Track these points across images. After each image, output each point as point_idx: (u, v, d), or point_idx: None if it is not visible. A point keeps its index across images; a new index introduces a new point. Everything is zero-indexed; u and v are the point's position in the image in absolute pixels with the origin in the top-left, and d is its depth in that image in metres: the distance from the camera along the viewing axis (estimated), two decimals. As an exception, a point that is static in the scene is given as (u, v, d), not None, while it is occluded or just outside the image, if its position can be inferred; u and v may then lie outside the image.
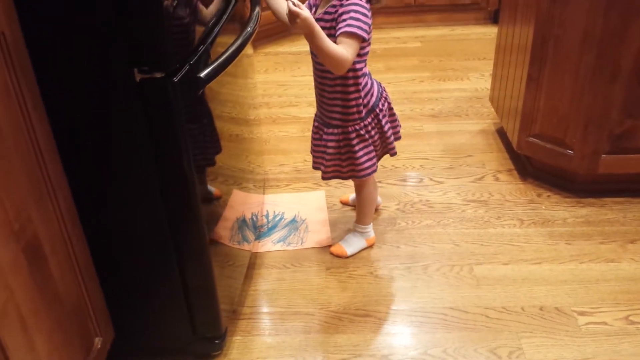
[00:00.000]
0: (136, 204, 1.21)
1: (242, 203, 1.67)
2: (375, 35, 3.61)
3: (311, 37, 1.34)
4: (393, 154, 1.69)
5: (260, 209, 1.96)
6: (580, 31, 1.73)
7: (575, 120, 1.85)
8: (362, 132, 1.57)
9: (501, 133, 2.38)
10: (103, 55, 1.03)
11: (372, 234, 1.82)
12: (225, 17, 1.40)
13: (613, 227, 1.86)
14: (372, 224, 1.82)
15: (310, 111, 2.62)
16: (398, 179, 2.16)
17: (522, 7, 1.97)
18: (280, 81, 2.99)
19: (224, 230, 1.45)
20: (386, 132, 1.62)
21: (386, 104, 1.63)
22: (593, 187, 1.99)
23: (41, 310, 1.00)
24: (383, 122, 1.60)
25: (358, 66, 1.50)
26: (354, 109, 1.55)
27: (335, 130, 1.59)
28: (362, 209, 1.78)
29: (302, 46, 3.42)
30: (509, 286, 1.65)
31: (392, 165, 2.23)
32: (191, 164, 1.17)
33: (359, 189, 1.76)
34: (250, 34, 1.36)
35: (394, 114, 1.68)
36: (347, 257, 1.78)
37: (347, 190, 2.08)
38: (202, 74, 1.14)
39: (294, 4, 1.30)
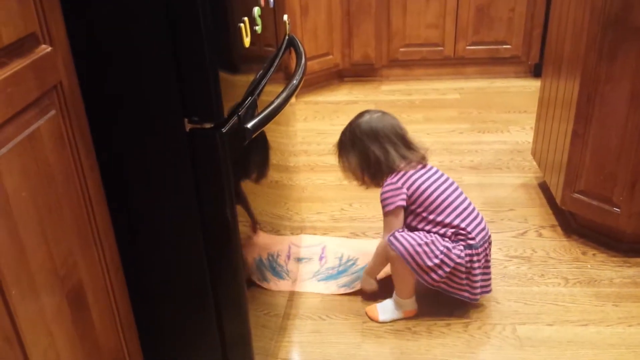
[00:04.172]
0: (177, 250, 1.21)
1: (278, 242, 1.66)
2: (414, 86, 3.66)
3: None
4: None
5: (296, 250, 1.93)
6: (627, 89, 1.70)
7: (622, 178, 1.80)
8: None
9: (543, 187, 2.33)
10: (156, 105, 1.05)
11: (410, 307, 1.72)
12: (272, 68, 1.42)
13: (663, 290, 1.78)
14: (414, 297, 1.72)
15: (349, 160, 2.62)
16: (437, 232, 2.12)
17: (566, 63, 1.95)
18: (319, 129, 3.01)
19: (257, 271, 1.43)
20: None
21: (462, 268, 1.62)
22: (641, 246, 1.93)
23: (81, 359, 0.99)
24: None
25: (417, 225, 1.66)
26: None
27: None
28: (396, 284, 1.72)
29: (341, 95, 3.45)
30: (553, 348, 1.58)
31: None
32: (235, 212, 1.17)
33: (392, 266, 1.69)
34: (296, 87, 1.37)
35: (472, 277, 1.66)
36: (378, 322, 1.72)
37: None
38: (249, 125, 1.15)
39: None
